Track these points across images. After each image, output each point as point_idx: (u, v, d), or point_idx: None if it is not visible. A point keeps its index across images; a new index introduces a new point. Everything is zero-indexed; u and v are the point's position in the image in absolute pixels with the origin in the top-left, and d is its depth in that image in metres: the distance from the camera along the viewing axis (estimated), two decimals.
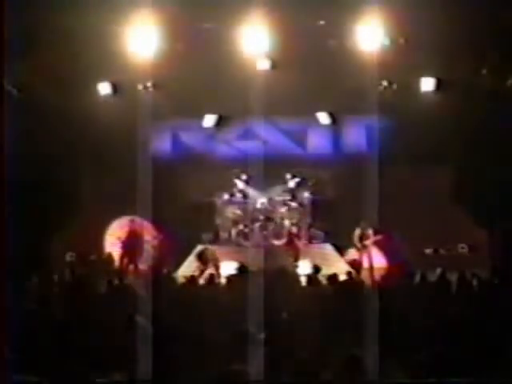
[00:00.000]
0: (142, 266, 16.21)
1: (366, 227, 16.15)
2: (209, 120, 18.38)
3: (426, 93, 16.86)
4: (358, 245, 16.18)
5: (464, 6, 14.09)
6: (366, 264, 16.02)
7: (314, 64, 16.13)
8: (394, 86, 16.84)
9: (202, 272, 15.32)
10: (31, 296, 10.34)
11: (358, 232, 16.23)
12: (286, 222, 17.80)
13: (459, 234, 16.95)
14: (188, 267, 16.25)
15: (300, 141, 18.59)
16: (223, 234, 18.16)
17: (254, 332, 6.97)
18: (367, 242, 16.08)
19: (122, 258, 16.45)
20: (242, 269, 12.96)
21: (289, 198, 18.33)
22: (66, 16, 14.29)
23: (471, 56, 15.50)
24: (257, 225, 17.99)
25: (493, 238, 16.34)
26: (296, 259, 16.29)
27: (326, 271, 14.27)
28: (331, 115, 18.30)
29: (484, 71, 15.86)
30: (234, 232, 18.08)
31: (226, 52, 15.76)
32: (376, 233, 16.05)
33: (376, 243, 16.17)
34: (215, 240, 17.63)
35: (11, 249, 7.34)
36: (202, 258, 16.26)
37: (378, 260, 16.27)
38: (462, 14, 14.31)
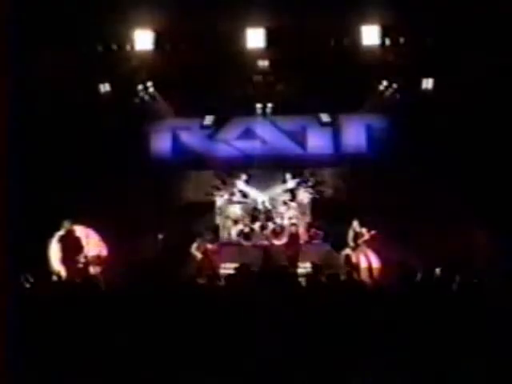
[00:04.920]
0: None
1: (359, 226, 16.13)
2: (209, 120, 18.41)
3: (426, 93, 16.86)
4: (352, 244, 16.16)
5: (464, 6, 14.08)
6: (364, 264, 15.99)
7: (314, 64, 16.13)
8: (394, 86, 16.87)
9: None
10: (30, 296, 10.32)
11: (351, 231, 16.21)
12: (286, 222, 17.80)
13: (459, 234, 16.94)
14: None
15: (300, 141, 18.61)
16: (223, 234, 18.18)
17: (254, 332, 6.98)
18: (360, 241, 16.06)
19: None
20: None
21: (289, 197, 18.35)
22: (66, 15, 14.29)
23: (471, 56, 15.49)
24: (257, 225, 17.99)
25: (493, 238, 16.33)
26: (296, 259, 16.27)
27: (325, 271, 14.25)
28: (331, 115, 18.34)
29: (483, 71, 15.85)
30: (233, 232, 18.09)
31: (226, 52, 15.76)
32: (369, 231, 16.02)
33: (370, 242, 16.10)
34: (215, 240, 17.61)
35: (11, 249, 7.34)
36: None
37: (374, 259, 16.25)
38: (462, 13, 14.31)
